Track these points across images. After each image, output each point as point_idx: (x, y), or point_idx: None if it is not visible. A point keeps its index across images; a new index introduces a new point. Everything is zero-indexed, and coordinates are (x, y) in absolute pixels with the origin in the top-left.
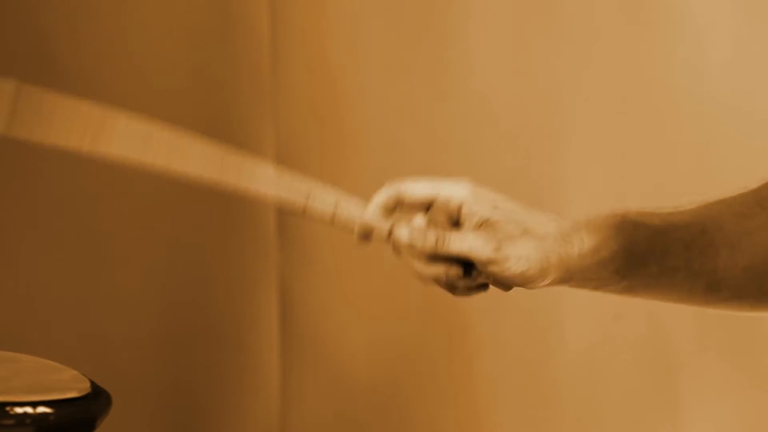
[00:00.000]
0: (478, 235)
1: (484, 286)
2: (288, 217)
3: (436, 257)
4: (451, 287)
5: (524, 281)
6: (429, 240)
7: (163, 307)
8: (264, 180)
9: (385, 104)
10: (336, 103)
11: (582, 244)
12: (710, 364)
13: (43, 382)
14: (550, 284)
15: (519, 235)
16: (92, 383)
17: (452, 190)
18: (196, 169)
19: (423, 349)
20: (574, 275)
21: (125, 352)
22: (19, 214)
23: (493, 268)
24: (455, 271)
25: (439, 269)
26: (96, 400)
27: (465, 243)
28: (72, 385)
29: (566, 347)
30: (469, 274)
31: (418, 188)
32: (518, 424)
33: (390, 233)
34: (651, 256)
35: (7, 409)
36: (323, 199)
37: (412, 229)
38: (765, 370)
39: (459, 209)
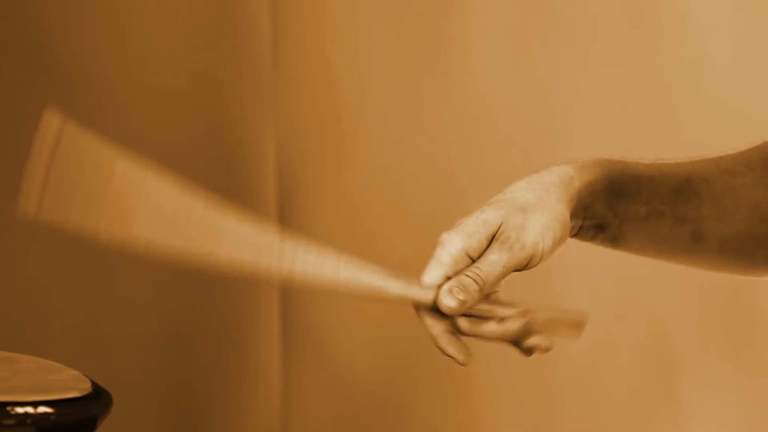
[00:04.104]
0: (498, 250)
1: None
2: (289, 217)
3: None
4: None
5: (561, 243)
6: (471, 288)
7: (164, 307)
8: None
9: (385, 105)
10: (336, 104)
11: (574, 183)
12: (711, 363)
13: (44, 382)
14: (573, 228)
15: (523, 220)
16: (93, 383)
17: (450, 250)
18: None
19: (423, 350)
20: (583, 201)
21: (126, 352)
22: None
23: (535, 262)
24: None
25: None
26: (97, 400)
27: (497, 264)
28: (73, 385)
29: (567, 347)
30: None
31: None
32: (518, 425)
33: (436, 303)
34: (638, 197)
35: (8, 409)
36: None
37: (451, 292)
38: (766, 370)
39: (468, 257)
